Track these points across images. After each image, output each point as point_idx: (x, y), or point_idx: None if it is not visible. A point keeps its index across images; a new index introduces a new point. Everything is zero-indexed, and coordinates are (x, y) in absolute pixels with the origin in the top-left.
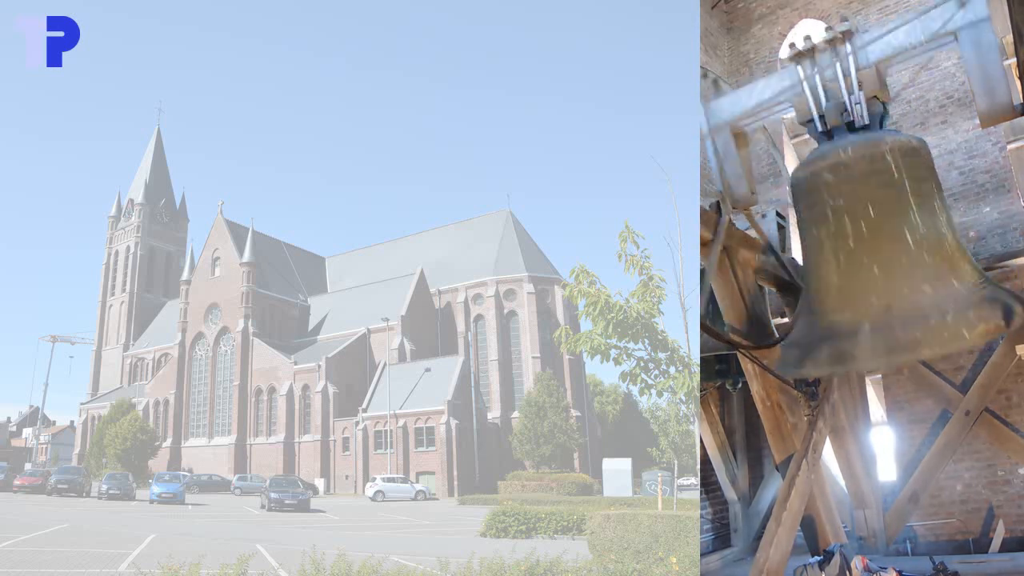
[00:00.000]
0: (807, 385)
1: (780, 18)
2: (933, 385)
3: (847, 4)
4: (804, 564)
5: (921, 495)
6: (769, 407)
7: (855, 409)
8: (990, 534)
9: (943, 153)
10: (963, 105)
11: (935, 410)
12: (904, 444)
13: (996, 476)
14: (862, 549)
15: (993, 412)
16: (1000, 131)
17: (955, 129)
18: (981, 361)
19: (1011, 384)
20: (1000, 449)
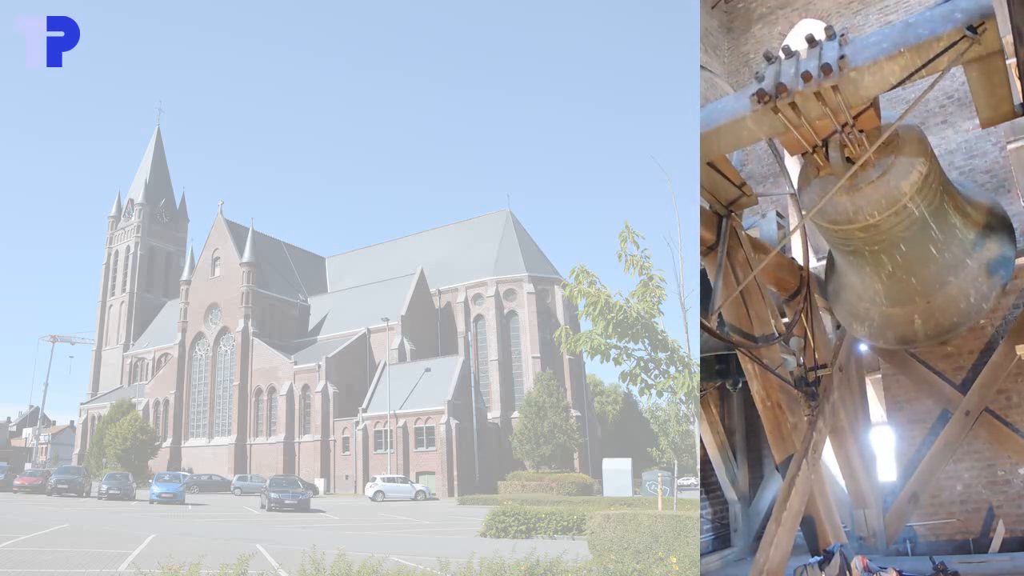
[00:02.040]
0: (807, 385)
1: (780, 18)
2: (933, 385)
3: (847, 4)
4: (804, 564)
5: (921, 495)
6: (769, 407)
7: (855, 409)
8: (990, 534)
9: (943, 153)
10: (963, 105)
11: (935, 410)
12: (904, 444)
13: (996, 476)
14: (862, 549)
15: (993, 412)
16: (1000, 131)
17: (955, 129)
18: (981, 361)
19: (1011, 384)
20: (1000, 449)
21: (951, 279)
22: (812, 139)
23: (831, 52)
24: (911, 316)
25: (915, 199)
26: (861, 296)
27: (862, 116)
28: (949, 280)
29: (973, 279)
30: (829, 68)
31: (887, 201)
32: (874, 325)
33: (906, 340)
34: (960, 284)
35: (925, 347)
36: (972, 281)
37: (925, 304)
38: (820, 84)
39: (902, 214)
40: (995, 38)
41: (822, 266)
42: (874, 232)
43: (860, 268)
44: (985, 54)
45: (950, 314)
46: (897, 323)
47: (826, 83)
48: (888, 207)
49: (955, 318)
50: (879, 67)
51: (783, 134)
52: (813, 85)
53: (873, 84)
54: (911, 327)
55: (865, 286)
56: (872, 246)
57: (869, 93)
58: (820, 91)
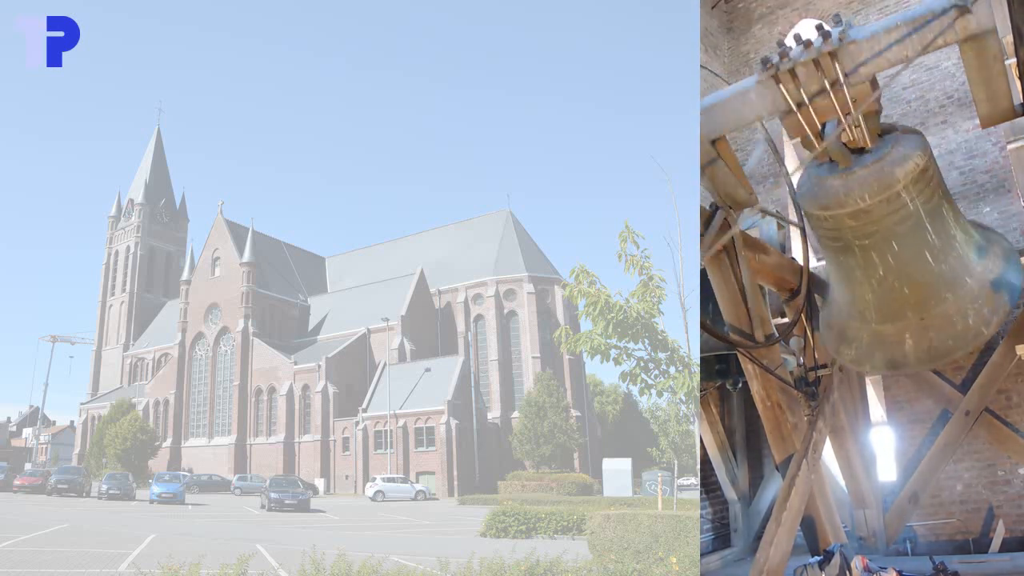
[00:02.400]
0: (807, 385)
1: (780, 18)
2: (933, 385)
3: (847, 4)
4: (804, 564)
5: (921, 495)
6: (769, 407)
7: (855, 409)
8: (990, 534)
9: (943, 153)
10: (963, 105)
11: (935, 410)
12: (904, 444)
13: (996, 476)
14: (862, 549)
15: (993, 412)
16: (1000, 131)
17: (955, 129)
18: (981, 361)
19: (1011, 384)
20: (1000, 449)
21: (948, 296)
22: (812, 121)
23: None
24: (902, 335)
25: (909, 189)
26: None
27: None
28: (946, 297)
29: (973, 299)
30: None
31: (879, 185)
32: (862, 346)
33: (895, 364)
34: (958, 303)
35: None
36: (971, 301)
37: (918, 321)
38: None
39: (895, 203)
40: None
41: (822, 266)
42: (865, 220)
43: (850, 272)
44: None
45: (944, 336)
46: (887, 343)
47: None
48: (880, 191)
49: (950, 340)
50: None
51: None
52: (813, 52)
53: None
54: (901, 348)
55: (855, 300)
56: (862, 239)
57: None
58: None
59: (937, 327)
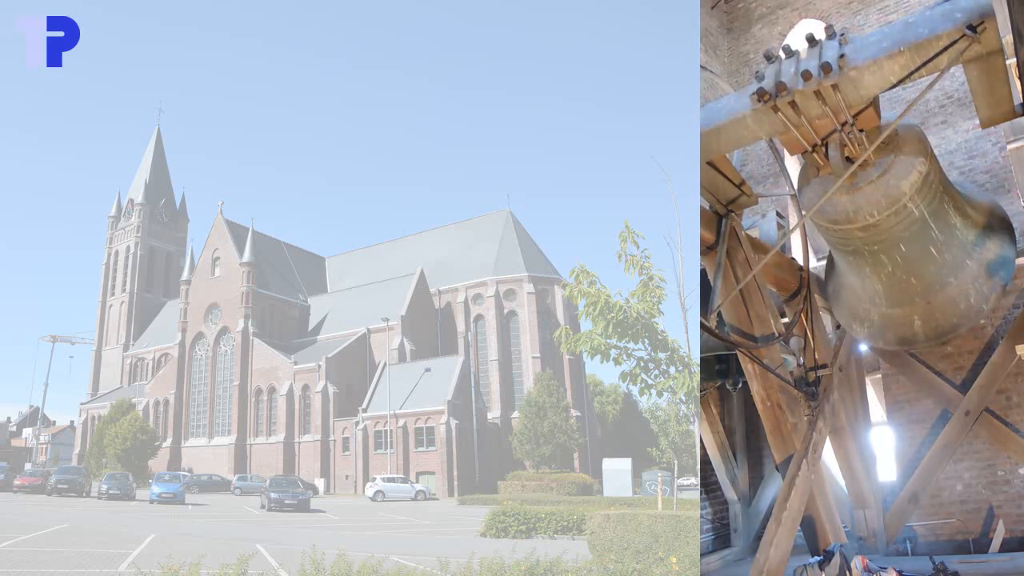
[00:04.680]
0: (807, 385)
1: (780, 18)
2: (933, 385)
3: (847, 4)
4: (804, 564)
5: (921, 495)
6: (769, 407)
7: (855, 409)
8: (990, 534)
9: (943, 153)
10: (963, 105)
11: (935, 410)
12: (904, 444)
13: (996, 476)
14: (862, 549)
15: (993, 412)
16: (1000, 131)
17: (955, 129)
18: (981, 361)
19: (1011, 384)
20: (1000, 449)
21: (951, 280)
22: (812, 138)
23: (831, 51)
24: (911, 317)
25: (915, 199)
26: (860, 297)
27: (862, 115)
28: (949, 281)
29: (973, 280)
30: (829, 67)
31: (887, 201)
32: (874, 326)
33: (906, 341)
34: (960, 285)
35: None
36: (972, 282)
37: (925, 305)
38: (820, 83)
39: (902, 214)
40: (995, 37)
41: (822, 266)
42: (874, 232)
43: (860, 268)
44: (985, 53)
45: (950, 315)
46: (897, 324)
47: (826, 82)
48: (888, 207)
49: (955, 319)
50: (879, 66)
51: (783, 133)
52: (813, 84)
53: (873, 83)
54: (911, 328)
55: (865, 287)
56: (872, 246)
57: (869, 92)
58: (820, 90)
59: (943, 308)
